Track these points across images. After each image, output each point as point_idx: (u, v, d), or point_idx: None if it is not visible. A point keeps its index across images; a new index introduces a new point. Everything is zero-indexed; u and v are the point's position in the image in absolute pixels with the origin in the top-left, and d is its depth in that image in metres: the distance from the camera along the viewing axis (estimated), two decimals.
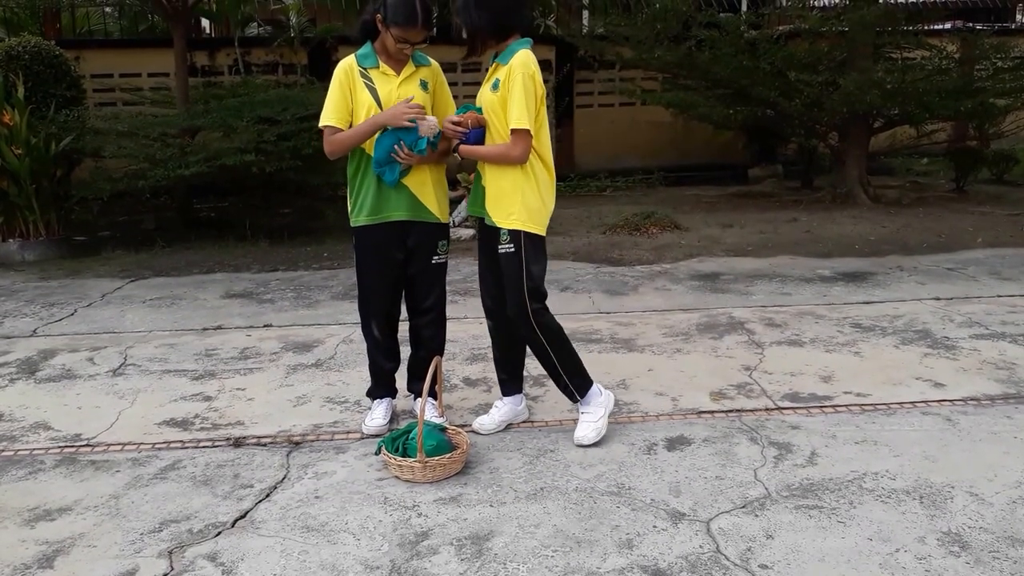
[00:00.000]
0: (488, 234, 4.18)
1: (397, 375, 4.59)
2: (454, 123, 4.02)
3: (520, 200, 4.03)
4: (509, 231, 4.04)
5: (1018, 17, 17.61)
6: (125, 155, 9.30)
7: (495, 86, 3.99)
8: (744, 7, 16.29)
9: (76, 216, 10.02)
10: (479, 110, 4.08)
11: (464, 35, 4.05)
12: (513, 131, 3.94)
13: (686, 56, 11.53)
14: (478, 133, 4.07)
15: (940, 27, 13.77)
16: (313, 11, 16.01)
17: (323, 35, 13.30)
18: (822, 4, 12.99)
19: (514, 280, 4.07)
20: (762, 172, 14.17)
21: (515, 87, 3.91)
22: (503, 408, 4.43)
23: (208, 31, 17.24)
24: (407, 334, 4.55)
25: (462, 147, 4.07)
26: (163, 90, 11.96)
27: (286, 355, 5.71)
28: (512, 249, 4.05)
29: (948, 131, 13.52)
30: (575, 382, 4.28)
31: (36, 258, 8.90)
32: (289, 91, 10.76)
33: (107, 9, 15.73)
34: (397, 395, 4.63)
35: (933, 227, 9.68)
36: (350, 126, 4.15)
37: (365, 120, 4.09)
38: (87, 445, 4.35)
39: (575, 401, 4.33)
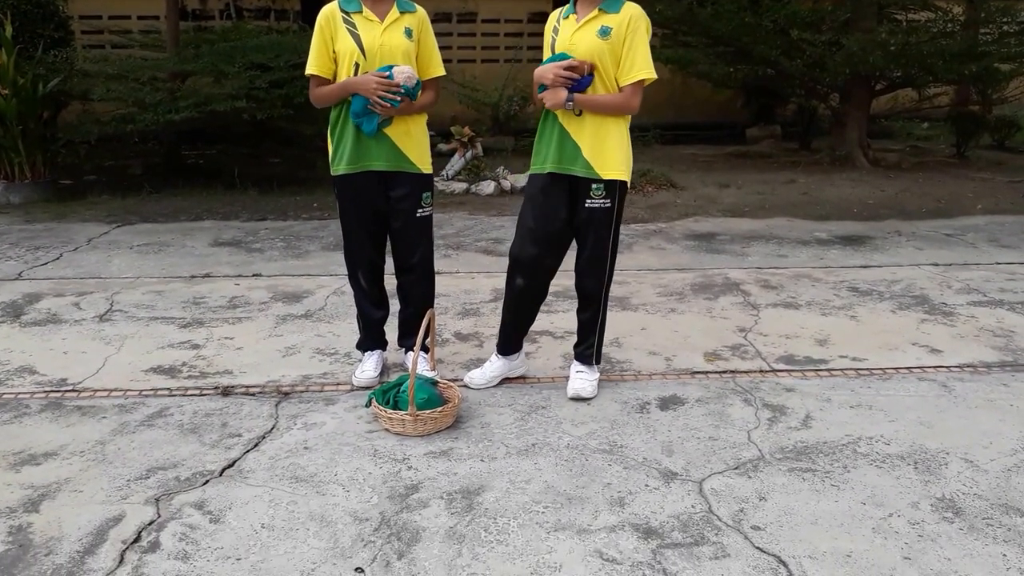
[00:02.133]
0: (568, 189, 4.04)
1: (387, 328, 4.53)
2: (569, 68, 3.83)
3: (623, 151, 4.00)
4: (605, 184, 3.96)
5: None
6: (113, 98, 9.18)
7: (604, 32, 3.86)
8: None
9: (62, 159, 9.91)
10: (567, 57, 3.88)
11: None
12: (637, 81, 3.88)
13: (687, 12, 11.42)
14: (588, 81, 3.89)
15: None
16: None
17: None
18: None
19: (603, 235, 4.04)
20: (760, 132, 14.08)
21: (639, 36, 3.86)
22: (496, 363, 4.37)
23: None
24: (394, 288, 4.49)
25: (580, 96, 3.88)
26: (153, 33, 11.78)
27: (275, 305, 5.64)
28: (607, 204, 4.00)
29: (950, 95, 13.46)
30: (601, 344, 4.29)
31: (21, 200, 8.80)
32: (282, 37, 10.62)
33: None
34: (387, 347, 4.57)
35: (932, 192, 9.65)
36: (334, 74, 4.10)
37: (338, 83, 4.06)
38: (73, 390, 4.30)
39: (594, 364, 4.30)
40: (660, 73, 12.31)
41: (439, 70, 4.25)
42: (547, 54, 4.03)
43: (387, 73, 3.95)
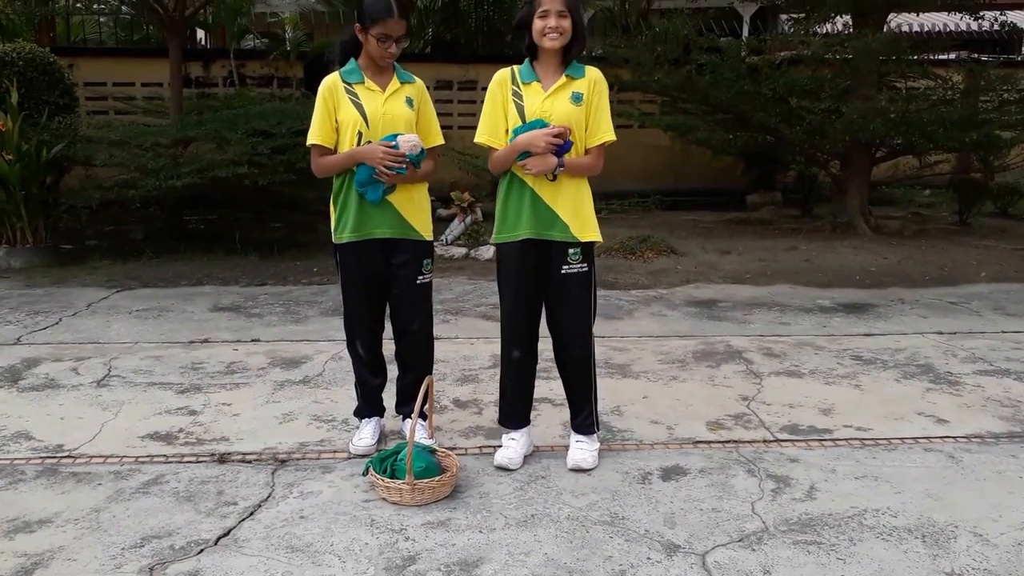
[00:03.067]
0: (545, 255, 4.03)
1: (385, 395, 4.49)
2: (557, 135, 3.86)
3: (592, 211, 4.05)
4: (582, 248, 3.98)
5: None
6: (116, 164, 9.21)
7: (577, 98, 3.93)
8: (746, 32, 16.32)
9: (64, 224, 9.90)
10: (545, 124, 3.91)
11: (561, 42, 3.90)
12: (602, 143, 3.99)
13: (686, 80, 11.50)
14: (568, 146, 3.93)
15: (945, 57, 13.76)
16: (310, 25, 16.01)
17: (319, 49, 13.23)
18: (825, 31, 12.96)
19: (584, 298, 4.04)
20: (761, 199, 14.09)
21: (604, 99, 4.00)
22: (522, 439, 4.26)
23: (204, 42, 17.22)
24: (393, 354, 4.46)
25: (571, 161, 3.93)
26: (157, 100, 11.89)
27: (273, 371, 5.60)
28: (584, 268, 4.02)
29: (952, 162, 13.48)
30: (599, 412, 4.23)
31: (22, 265, 8.78)
32: (284, 104, 10.70)
33: (102, 18, 15.69)
34: (385, 414, 4.52)
35: (935, 260, 9.61)
36: (336, 143, 4.13)
37: (343, 153, 4.10)
38: (69, 456, 4.26)
39: (592, 432, 4.22)
40: (660, 140, 12.40)
41: (439, 139, 4.31)
42: (503, 115, 4.03)
43: (393, 142, 3.98)
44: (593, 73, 3.99)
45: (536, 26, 3.88)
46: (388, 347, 4.43)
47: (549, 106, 3.93)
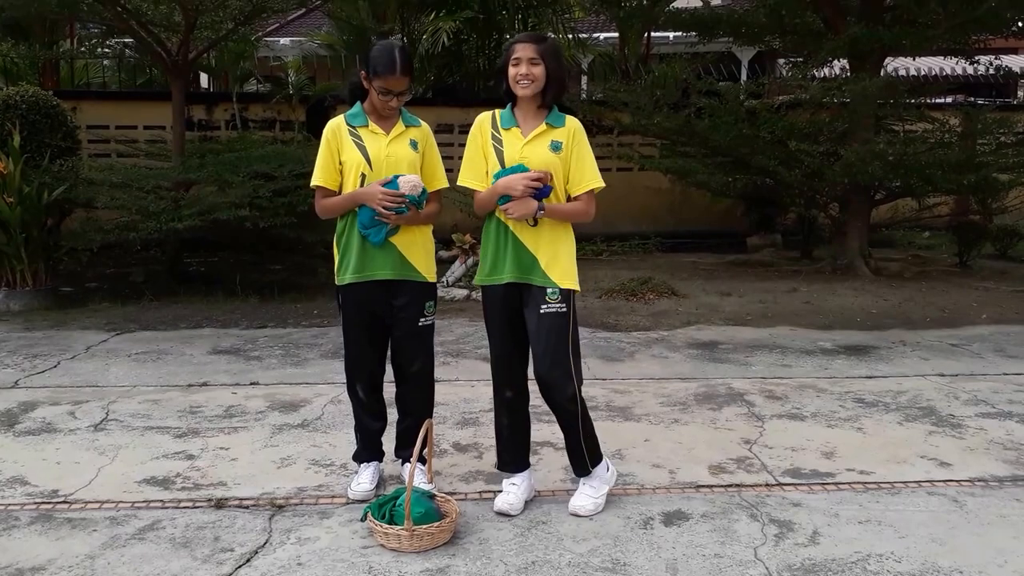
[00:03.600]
0: (525, 298, 4.04)
1: (384, 439, 4.45)
2: (536, 178, 3.89)
3: (572, 260, 4.05)
4: (560, 290, 3.97)
5: (1020, 93, 17.74)
6: (117, 206, 9.22)
7: (556, 147, 3.96)
8: (744, 76, 16.43)
9: (64, 266, 9.91)
10: (525, 169, 3.94)
11: (537, 88, 3.94)
12: (591, 190, 4.00)
13: (685, 123, 11.53)
14: (547, 191, 3.95)
15: (942, 101, 13.83)
16: (313, 69, 16.16)
17: (322, 93, 13.33)
18: (823, 75, 13.03)
19: (562, 340, 3.99)
20: (761, 241, 14.11)
21: (585, 147, 4.01)
22: (523, 484, 4.22)
23: (207, 86, 17.33)
24: (393, 396, 4.44)
25: (550, 205, 3.95)
26: (159, 143, 11.94)
27: (272, 414, 5.57)
28: (564, 308, 3.99)
29: (950, 205, 13.52)
30: (592, 454, 4.17)
31: (21, 308, 8.75)
32: (286, 147, 10.75)
33: (106, 62, 15.79)
34: (384, 458, 4.48)
35: (936, 301, 9.59)
36: (340, 185, 4.15)
37: (344, 194, 4.13)
38: (64, 502, 4.22)
39: (584, 474, 4.19)
40: (660, 182, 12.48)
41: (443, 182, 4.32)
42: (484, 159, 4.07)
43: (392, 182, 4.00)
44: (572, 123, 4.02)
45: (509, 73, 3.94)
46: (388, 390, 4.40)
47: (529, 152, 3.97)
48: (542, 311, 3.98)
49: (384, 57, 4.04)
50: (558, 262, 3.99)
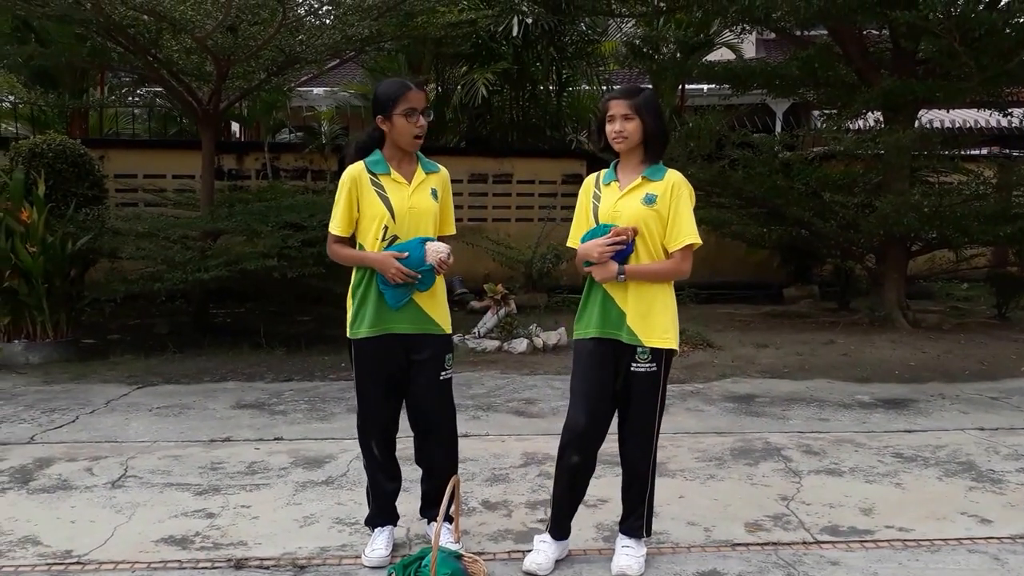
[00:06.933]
0: (613, 354, 3.93)
1: (398, 502, 4.29)
2: (613, 242, 3.80)
3: (671, 317, 3.93)
4: (651, 350, 3.85)
5: None
6: (143, 256, 9.17)
7: (649, 200, 3.86)
8: (779, 128, 16.35)
9: (87, 317, 9.82)
10: (608, 228, 3.86)
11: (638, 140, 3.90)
12: (686, 246, 3.90)
13: (719, 174, 11.49)
14: (630, 249, 3.85)
15: (976, 152, 13.71)
16: (346, 119, 16.15)
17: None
18: (857, 127, 12.94)
19: (650, 401, 3.91)
20: (797, 292, 14.02)
21: (683, 202, 3.90)
22: (556, 545, 4.06)
23: (238, 135, 17.38)
24: (410, 453, 4.30)
25: (631, 268, 3.85)
26: (187, 192, 11.89)
27: (296, 471, 5.40)
28: (654, 368, 3.88)
29: (988, 256, 13.35)
30: (651, 515, 4.08)
31: (41, 360, 8.63)
32: (316, 197, 10.69)
33: (136, 111, 15.86)
34: (399, 520, 4.29)
35: (975, 354, 9.42)
36: (354, 233, 4.08)
37: (358, 254, 4.09)
38: (78, 563, 4.06)
39: (640, 536, 4.05)
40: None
41: (452, 229, 4.24)
42: (586, 218, 4.01)
43: (406, 253, 3.92)
44: (673, 176, 3.92)
45: (607, 131, 3.90)
46: (401, 451, 4.26)
47: (622, 206, 3.90)
48: (632, 369, 3.89)
49: (393, 83, 4.04)
50: (648, 318, 3.88)
